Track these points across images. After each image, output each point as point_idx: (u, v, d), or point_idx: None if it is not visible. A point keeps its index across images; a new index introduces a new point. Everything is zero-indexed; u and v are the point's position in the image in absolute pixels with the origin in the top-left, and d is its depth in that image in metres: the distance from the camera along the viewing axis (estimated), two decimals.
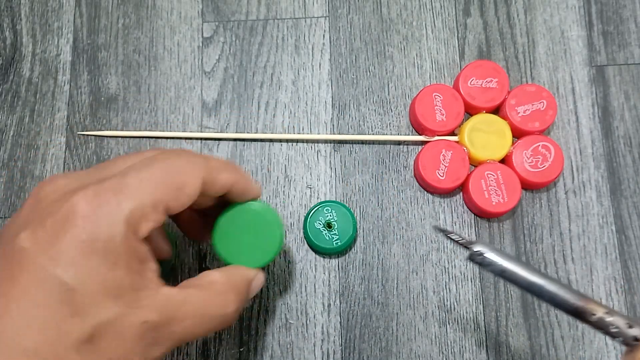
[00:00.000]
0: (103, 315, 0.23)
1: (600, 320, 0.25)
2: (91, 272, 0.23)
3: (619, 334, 0.24)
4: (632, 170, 0.39)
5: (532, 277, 0.26)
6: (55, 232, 0.23)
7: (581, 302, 0.25)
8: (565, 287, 0.26)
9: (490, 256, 0.26)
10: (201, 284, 0.27)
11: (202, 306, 0.26)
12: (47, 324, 0.22)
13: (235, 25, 0.42)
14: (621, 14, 0.42)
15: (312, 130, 0.40)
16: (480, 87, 0.39)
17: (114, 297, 0.23)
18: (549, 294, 0.25)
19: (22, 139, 0.40)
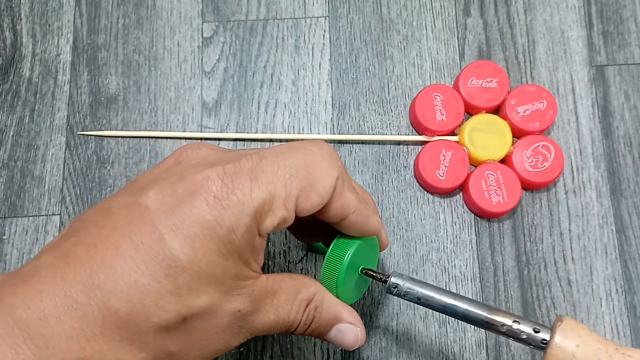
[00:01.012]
0: (201, 302, 0.22)
1: (510, 329, 0.26)
2: (205, 256, 0.22)
3: (529, 339, 0.25)
4: (632, 170, 0.39)
5: (445, 299, 0.27)
6: (182, 202, 0.22)
7: (491, 315, 0.26)
8: (476, 303, 0.27)
9: (406, 286, 0.28)
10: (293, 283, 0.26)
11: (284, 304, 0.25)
12: (144, 293, 0.21)
13: (235, 25, 0.42)
14: (621, 14, 0.42)
15: (312, 130, 0.40)
16: (480, 87, 0.39)
17: (217, 284, 0.22)
18: (462, 312, 0.27)
19: (22, 139, 0.40)
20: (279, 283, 0.25)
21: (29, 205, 0.39)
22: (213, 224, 0.22)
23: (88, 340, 0.21)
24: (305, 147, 0.25)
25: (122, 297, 0.21)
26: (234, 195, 0.22)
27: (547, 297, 0.37)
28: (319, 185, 0.24)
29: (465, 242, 0.38)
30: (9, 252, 0.38)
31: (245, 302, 0.23)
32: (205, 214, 0.22)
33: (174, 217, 0.22)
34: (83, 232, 0.22)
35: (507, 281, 0.37)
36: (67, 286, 0.21)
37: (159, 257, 0.21)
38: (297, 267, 0.37)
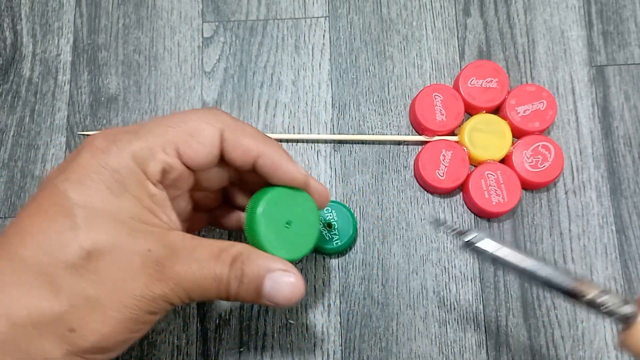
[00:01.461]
0: (102, 236, 0.23)
1: (595, 299, 0.25)
2: (96, 194, 0.24)
3: (613, 311, 0.24)
4: (632, 170, 0.39)
5: (526, 260, 0.26)
6: (71, 158, 0.25)
7: (576, 283, 0.25)
8: (559, 269, 0.26)
9: (484, 243, 0.27)
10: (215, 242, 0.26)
11: (207, 258, 0.25)
12: (47, 235, 0.23)
13: (235, 25, 0.42)
14: (621, 14, 0.42)
15: (312, 130, 0.40)
16: (480, 87, 0.39)
17: (117, 221, 0.24)
18: (544, 277, 0.26)
19: (23, 139, 0.40)
20: (198, 240, 0.26)
21: None
22: (97, 167, 0.24)
23: (1, 291, 0.22)
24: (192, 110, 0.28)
25: (27, 243, 0.23)
26: (114, 145, 0.25)
27: (547, 297, 0.37)
28: (198, 135, 0.26)
29: None
30: None
31: (154, 244, 0.24)
32: (89, 160, 0.25)
33: (65, 171, 0.25)
34: None
35: (507, 281, 0.37)
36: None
37: (56, 203, 0.24)
38: (297, 267, 0.37)
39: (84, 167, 0.24)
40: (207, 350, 0.36)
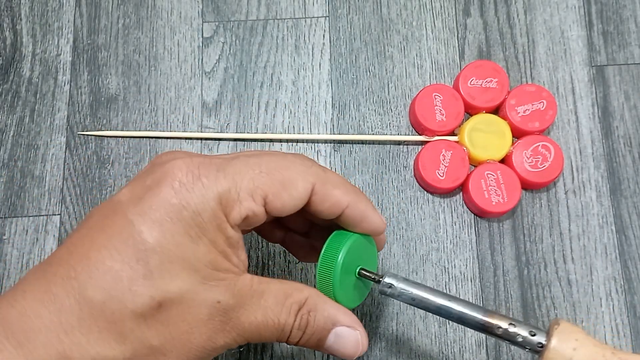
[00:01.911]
0: (175, 285, 0.22)
1: (506, 332, 0.25)
2: (174, 238, 0.22)
3: (525, 343, 0.25)
4: (632, 170, 0.39)
5: (440, 300, 0.27)
6: (149, 188, 0.23)
7: (486, 318, 0.26)
8: (471, 305, 0.27)
9: (400, 287, 0.27)
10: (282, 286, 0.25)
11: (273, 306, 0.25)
12: (117, 279, 0.21)
13: (235, 25, 0.42)
14: (621, 14, 0.42)
15: (312, 130, 0.40)
16: (480, 87, 0.39)
17: (191, 269, 0.22)
18: (457, 314, 0.26)
19: (22, 139, 0.40)
20: (266, 284, 0.25)
21: (29, 205, 0.39)
22: (178, 207, 0.22)
23: (66, 333, 0.21)
24: (280, 152, 0.26)
25: (96, 285, 0.21)
26: (199, 181, 0.23)
27: (547, 297, 0.37)
28: (290, 186, 0.25)
29: (465, 242, 0.38)
30: (9, 252, 0.38)
31: (224, 294, 0.23)
32: (170, 198, 0.22)
33: (142, 203, 0.22)
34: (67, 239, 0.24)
35: (507, 281, 0.37)
36: (47, 282, 0.21)
37: (129, 243, 0.22)
38: (297, 266, 0.37)
39: (164, 205, 0.22)
40: None
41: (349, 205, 0.26)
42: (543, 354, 0.25)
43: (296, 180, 0.25)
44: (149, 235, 0.22)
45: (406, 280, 0.27)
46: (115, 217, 0.23)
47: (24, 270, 0.38)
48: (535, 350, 0.25)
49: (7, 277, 0.37)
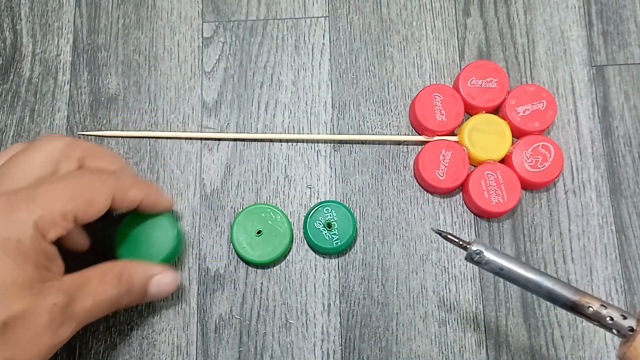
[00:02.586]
0: (15, 307, 0.26)
1: (596, 312, 0.25)
2: (4, 269, 0.26)
3: (615, 325, 0.25)
4: (632, 170, 0.39)
5: (529, 274, 0.27)
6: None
7: (577, 297, 0.26)
8: (561, 283, 0.26)
9: (488, 254, 0.27)
10: (99, 269, 0.31)
11: (98, 287, 0.30)
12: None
13: (235, 25, 0.42)
14: (621, 14, 0.42)
15: (312, 130, 0.40)
16: (480, 87, 0.39)
17: (24, 289, 0.27)
18: (546, 290, 0.26)
19: (23, 139, 0.40)
20: (84, 275, 0.30)
21: None
22: (2, 242, 0.26)
23: None
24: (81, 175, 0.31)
25: None
26: (14, 215, 0.27)
27: None
28: (95, 203, 0.30)
29: None
30: None
31: (57, 296, 0.28)
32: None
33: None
34: None
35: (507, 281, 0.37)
36: None
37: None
38: (297, 267, 0.37)
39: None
40: (207, 350, 0.36)
41: (142, 200, 0.33)
42: (635, 338, 0.24)
43: (98, 196, 0.30)
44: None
45: (495, 250, 0.27)
46: None
47: None
48: (624, 334, 0.25)
49: None
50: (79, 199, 0.29)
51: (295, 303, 0.37)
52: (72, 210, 0.29)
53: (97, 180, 0.31)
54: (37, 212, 0.28)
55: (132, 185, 0.33)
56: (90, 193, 0.30)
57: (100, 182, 0.31)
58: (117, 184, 0.32)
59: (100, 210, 0.30)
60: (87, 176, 0.31)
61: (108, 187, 0.31)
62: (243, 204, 0.39)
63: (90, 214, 0.30)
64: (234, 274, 0.37)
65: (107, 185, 0.31)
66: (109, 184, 0.31)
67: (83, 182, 0.30)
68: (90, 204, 0.30)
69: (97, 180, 0.31)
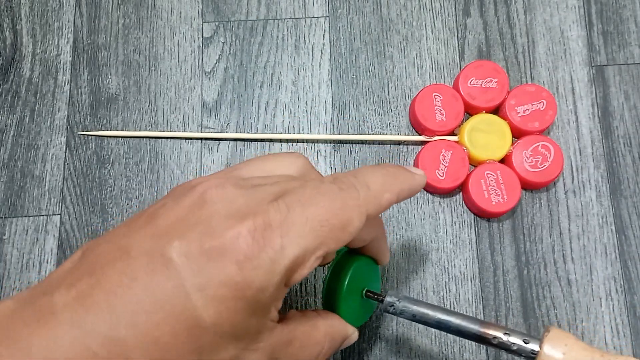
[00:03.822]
0: (220, 357, 0.21)
1: (501, 341, 0.27)
2: (229, 318, 0.21)
3: (519, 350, 0.27)
4: (632, 170, 0.39)
5: (438, 314, 0.28)
6: (210, 260, 0.21)
7: (483, 329, 0.28)
8: (468, 318, 0.28)
9: (401, 304, 0.29)
10: (306, 327, 0.25)
11: (301, 350, 0.25)
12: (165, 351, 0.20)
13: (235, 25, 0.42)
14: (621, 14, 0.42)
15: (312, 130, 0.40)
16: (480, 87, 0.39)
17: (237, 340, 0.22)
18: (455, 326, 0.28)
19: (22, 139, 0.40)
20: (293, 332, 0.25)
21: (29, 205, 0.39)
22: (242, 286, 0.21)
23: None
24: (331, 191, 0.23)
25: (143, 354, 0.20)
26: (265, 253, 0.21)
27: (547, 297, 0.37)
28: (348, 227, 0.23)
29: (465, 242, 0.38)
30: (9, 252, 0.38)
31: (263, 355, 0.23)
32: (234, 275, 0.21)
33: (201, 276, 0.20)
34: (100, 273, 0.21)
35: (507, 281, 0.37)
36: (85, 336, 0.20)
37: (182, 317, 0.20)
38: None
39: (227, 283, 0.20)
40: None
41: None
42: None
43: (353, 217, 0.23)
44: (206, 314, 0.20)
45: (407, 298, 0.29)
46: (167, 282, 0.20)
47: (24, 271, 0.38)
48: (529, 357, 0.26)
49: (7, 278, 0.37)
50: (335, 225, 0.23)
51: (295, 303, 0.37)
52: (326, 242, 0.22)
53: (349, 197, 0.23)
54: (291, 253, 0.21)
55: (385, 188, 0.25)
56: (346, 214, 0.23)
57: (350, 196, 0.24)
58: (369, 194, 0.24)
59: (354, 232, 0.23)
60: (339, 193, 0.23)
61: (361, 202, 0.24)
62: None
63: (341, 241, 0.23)
64: None
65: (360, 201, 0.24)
66: (361, 198, 0.24)
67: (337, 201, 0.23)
68: (345, 227, 0.23)
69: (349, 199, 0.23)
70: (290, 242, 0.21)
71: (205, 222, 0.22)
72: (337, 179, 0.24)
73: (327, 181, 0.24)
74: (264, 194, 0.23)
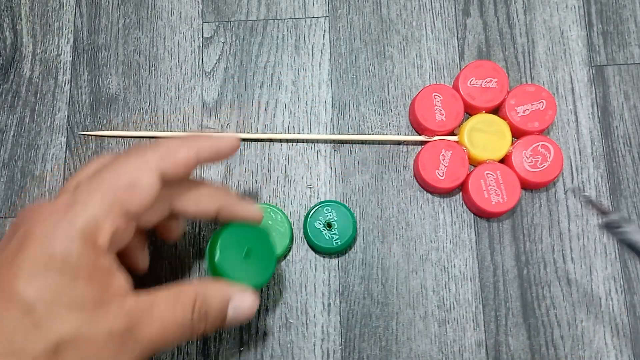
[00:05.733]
0: (65, 328, 0.23)
1: None
2: (50, 287, 0.23)
3: None
4: (631, 170, 0.39)
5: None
6: (16, 251, 0.24)
7: None
8: None
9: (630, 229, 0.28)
10: (170, 291, 0.27)
11: (168, 312, 0.26)
12: (10, 335, 0.23)
13: (235, 25, 0.42)
14: (621, 14, 0.42)
15: (312, 130, 0.40)
16: (479, 87, 0.39)
17: (76, 309, 0.24)
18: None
19: (23, 139, 0.40)
20: (152, 296, 0.26)
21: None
22: (46, 257, 0.24)
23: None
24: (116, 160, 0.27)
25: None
26: (59, 228, 0.24)
27: (547, 296, 0.37)
28: (139, 183, 0.26)
29: (465, 241, 0.38)
30: None
31: (115, 320, 0.24)
32: (37, 254, 0.24)
33: (12, 266, 0.24)
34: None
35: (507, 281, 0.37)
36: None
37: (10, 303, 0.23)
38: (297, 266, 0.37)
39: (33, 259, 0.24)
40: (207, 349, 0.36)
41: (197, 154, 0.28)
42: None
43: (141, 175, 0.26)
44: (26, 291, 0.23)
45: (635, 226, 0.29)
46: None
47: None
48: None
49: None
50: (119, 186, 0.25)
51: (295, 303, 0.37)
52: (115, 202, 0.25)
53: (135, 157, 0.27)
54: (79, 220, 0.24)
55: (179, 145, 0.28)
56: (129, 174, 0.26)
57: (139, 157, 0.26)
58: (159, 151, 0.27)
59: (148, 189, 0.26)
60: (122, 158, 0.27)
61: (149, 159, 0.26)
62: None
63: (138, 198, 0.26)
64: None
65: (147, 158, 0.26)
66: (149, 156, 0.27)
67: (119, 166, 0.26)
68: (134, 186, 0.26)
69: (135, 158, 0.26)
70: (76, 213, 0.25)
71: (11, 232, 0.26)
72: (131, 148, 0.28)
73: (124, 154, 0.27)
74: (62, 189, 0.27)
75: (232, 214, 0.31)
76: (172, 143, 0.28)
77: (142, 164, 0.26)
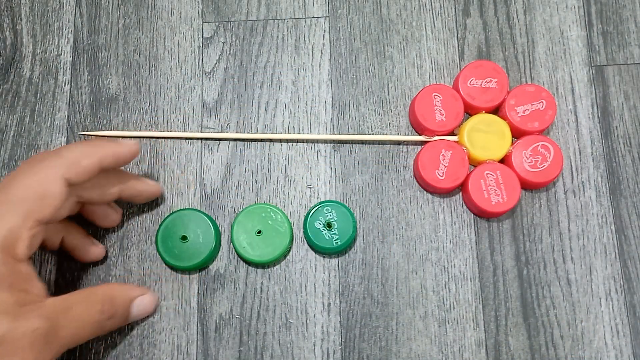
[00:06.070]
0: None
1: None
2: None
3: None
4: (631, 170, 0.39)
5: None
6: None
7: None
8: None
9: None
10: (82, 294, 0.31)
11: (82, 312, 0.29)
12: None
13: (235, 25, 0.42)
14: (621, 14, 0.42)
15: (312, 130, 0.40)
16: (479, 87, 0.39)
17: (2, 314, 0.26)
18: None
19: (23, 139, 0.40)
20: (68, 300, 0.29)
21: None
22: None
23: None
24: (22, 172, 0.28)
25: None
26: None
27: (547, 296, 0.37)
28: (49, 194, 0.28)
29: (465, 241, 0.38)
30: None
31: (38, 321, 0.27)
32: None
33: None
34: None
35: (507, 281, 0.37)
36: None
37: None
38: (297, 266, 0.37)
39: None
40: (207, 350, 0.36)
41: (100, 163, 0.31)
42: None
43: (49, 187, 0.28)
44: None
45: None
46: None
47: None
48: None
49: None
50: (30, 200, 0.27)
51: (295, 303, 0.37)
52: (28, 212, 0.27)
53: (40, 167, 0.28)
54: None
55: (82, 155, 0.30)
56: (39, 187, 0.28)
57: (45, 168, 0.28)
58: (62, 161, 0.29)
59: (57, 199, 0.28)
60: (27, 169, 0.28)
61: (55, 169, 0.28)
62: (243, 204, 0.39)
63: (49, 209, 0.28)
64: (234, 274, 0.37)
65: (54, 169, 0.28)
66: (54, 166, 0.29)
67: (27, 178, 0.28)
68: (44, 198, 0.28)
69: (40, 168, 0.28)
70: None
71: None
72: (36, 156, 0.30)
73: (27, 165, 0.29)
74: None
75: (134, 191, 0.35)
76: (76, 152, 0.30)
77: (49, 175, 0.28)
